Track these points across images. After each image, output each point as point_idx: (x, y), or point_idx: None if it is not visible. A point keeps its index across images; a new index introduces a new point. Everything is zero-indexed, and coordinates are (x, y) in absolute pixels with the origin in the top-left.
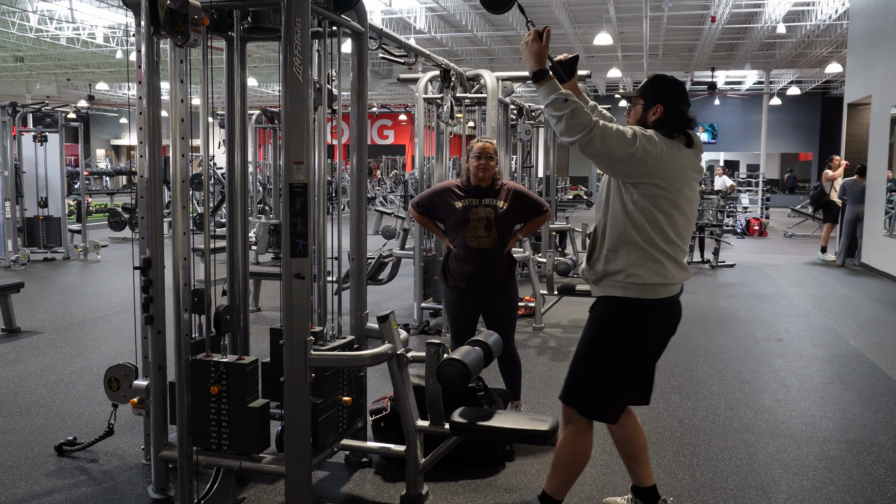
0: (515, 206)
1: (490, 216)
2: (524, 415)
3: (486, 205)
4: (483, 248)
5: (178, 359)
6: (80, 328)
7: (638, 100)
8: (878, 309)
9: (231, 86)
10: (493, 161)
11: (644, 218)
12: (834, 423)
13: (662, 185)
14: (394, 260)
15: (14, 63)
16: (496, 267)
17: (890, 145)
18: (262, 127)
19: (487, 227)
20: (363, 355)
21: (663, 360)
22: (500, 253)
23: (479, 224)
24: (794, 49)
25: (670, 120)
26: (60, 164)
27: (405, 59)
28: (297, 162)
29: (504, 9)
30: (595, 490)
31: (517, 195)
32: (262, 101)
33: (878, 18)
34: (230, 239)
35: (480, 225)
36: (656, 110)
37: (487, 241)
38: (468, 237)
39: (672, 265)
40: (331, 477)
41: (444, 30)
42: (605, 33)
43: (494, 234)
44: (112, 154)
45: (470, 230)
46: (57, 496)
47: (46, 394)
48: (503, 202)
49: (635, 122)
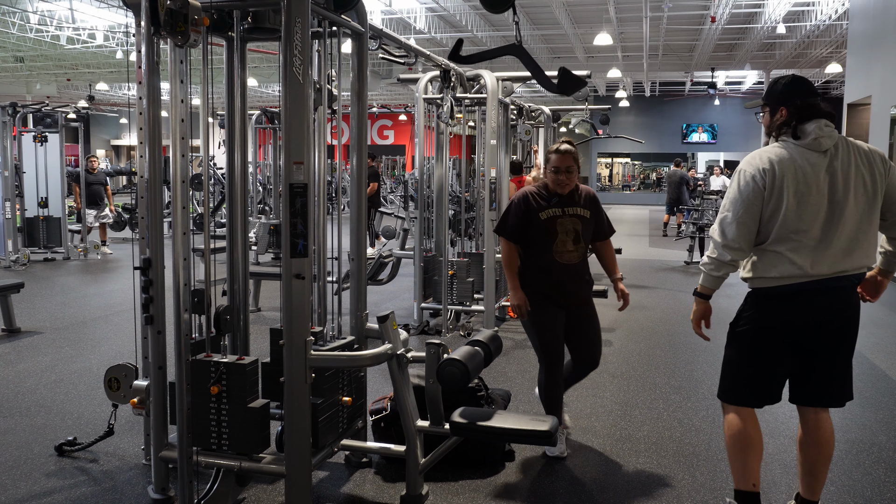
0: (594, 216)
1: (578, 228)
2: (524, 415)
3: (570, 214)
4: (573, 265)
5: (178, 359)
6: (80, 328)
7: (765, 107)
8: (878, 309)
9: (231, 86)
10: (575, 171)
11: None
12: (834, 423)
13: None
14: (394, 260)
15: (14, 63)
16: (584, 283)
17: (890, 145)
18: (262, 127)
19: (576, 239)
20: (363, 355)
21: (663, 360)
22: (587, 268)
23: (568, 237)
24: (794, 49)
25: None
26: (60, 164)
27: (405, 60)
28: (297, 162)
29: (504, 8)
30: (595, 490)
31: (593, 203)
32: (262, 101)
33: (878, 18)
34: (230, 239)
35: (569, 238)
36: (781, 113)
37: (576, 255)
38: (556, 252)
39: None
40: (331, 477)
41: (444, 30)
42: (605, 33)
43: (583, 248)
44: (112, 154)
45: (558, 244)
46: (57, 496)
47: (46, 394)
48: (587, 210)
49: (766, 127)
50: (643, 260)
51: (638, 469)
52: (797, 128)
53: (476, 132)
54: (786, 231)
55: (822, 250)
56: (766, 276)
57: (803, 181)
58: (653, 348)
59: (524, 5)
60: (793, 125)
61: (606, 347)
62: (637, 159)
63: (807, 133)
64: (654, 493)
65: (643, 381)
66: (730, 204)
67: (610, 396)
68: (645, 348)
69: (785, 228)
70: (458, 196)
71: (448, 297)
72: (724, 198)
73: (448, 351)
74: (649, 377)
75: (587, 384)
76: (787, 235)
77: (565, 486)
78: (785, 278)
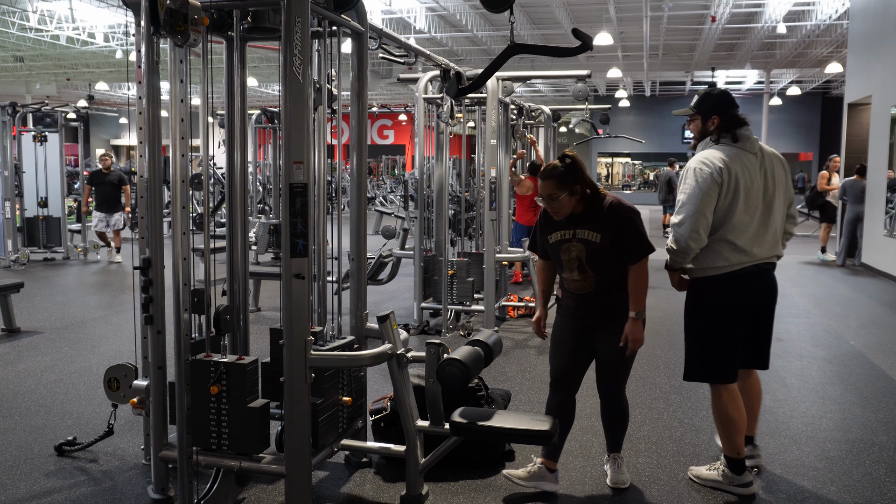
0: (611, 237)
1: (581, 255)
2: (524, 415)
3: (578, 238)
4: (586, 294)
5: (177, 359)
6: (80, 328)
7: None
8: (878, 309)
9: (231, 85)
10: (564, 197)
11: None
12: (834, 423)
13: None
14: (394, 260)
15: (14, 63)
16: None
17: (890, 145)
18: (262, 127)
19: (580, 268)
20: (363, 355)
21: (663, 360)
22: (605, 298)
23: (572, 264)
24: (794, 49)
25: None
26: (60, 164)
27: (405, 59)
28: (297, 162)
29: (504, 8)
30: (595, 490)
31: (612, 221)
32: (262, 101)
33: (878, 18)
34: (230, 239)
35: (573, 266)
36: (713, 121)
37: (584, 285)
38: (566, 279)
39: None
40: (331, 477)
41: (444, 30)
42: (605, 33)
43: (591, 277)
44: (112, 154)
45: (566, 271)
46: (57, 496)
47: (46, 394)
48: (598, 233)
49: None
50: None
51: (638, 469)
52: (735, 132)
53: (476, 132)
54: (737, 222)
55: (761, 239)
56: (715, 266)
57: (749, 178)
58: (653, 348)
59: (524, 4)
60: (732, 130)
61: None
62: (637, 159)
63: (743, 137)
64: (654, 493)
65: (643, 381)
66: (690, 199)
67: None
68: (645, 348)
69: (736, 220)
70: (458, 196)
71: (448, 297)
72: (681, 193)
73: (448, 351)
74: (649, 377)
75: (587, 383)
76: (736, 226)
77: (565, 486)
78: (735, 265)
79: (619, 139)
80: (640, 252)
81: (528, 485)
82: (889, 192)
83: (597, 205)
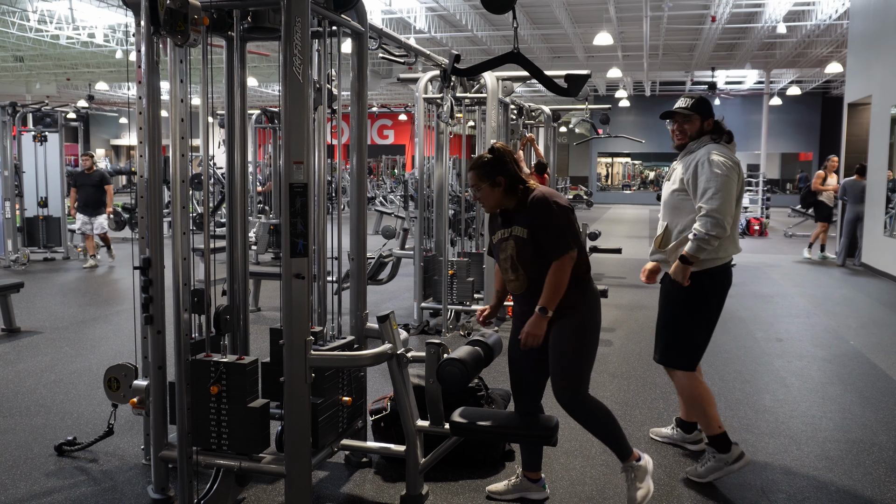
0: (533, 232)
1: (513, 253)
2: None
3: (513, 236)
4: (519, 296)
5: (177, 359)
6: (80, 328)
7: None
8: (878, 309)
9: (231, 85)
10: (486, 188)
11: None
12: (834, 423)
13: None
14: (394, 260)
15: (14, 63)
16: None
17: (890, 145)
18: (262, 127)
19: (513, 267)
20: (363, 355)
21: None
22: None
23: (506, 264)
24: (794, 49)
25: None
26: (60, 163)
27: (405, 59)
28: (297, 162)
29: (505, 10)
30: (595, 490)
31: (536, 216)
32: (262, 101)
33: (878, 18)
34: (230, 239)
35: (507, 265)
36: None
37: (518, 285)
38: (505, 281)
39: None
40: (331, 477)
41: (444, 30)
42: (605, 33)
43: (523, 276)
44: (112, 154)
45: (503, 272)
46: (57, 496)
47: (46, 394)
48: (525, 229)
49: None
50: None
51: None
52: (728, 134)
53: (476, 132)
54: (736, 216)
55: (736, 234)
56: (717, 257)
57: (744, 177)
58: (653, 348)
59: (524, 4)
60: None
61: (606, 347)
62: (637, 159)
63: (731, 139)
64: (653, 493)
65: (643, 381)
66: (722, 187)
67: (610, 396)
68: (645, 348)
69: (737, 214)
70: (458, 196)
71: (448, 297)
72: (707, 182)
73: (448, 351)
74: (649, 377)
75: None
76: (735, 220)
77: (565, 486)
78: (728, 256)
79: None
80: (555, 249)
81: (512, 497)
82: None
83: (525, 200)
